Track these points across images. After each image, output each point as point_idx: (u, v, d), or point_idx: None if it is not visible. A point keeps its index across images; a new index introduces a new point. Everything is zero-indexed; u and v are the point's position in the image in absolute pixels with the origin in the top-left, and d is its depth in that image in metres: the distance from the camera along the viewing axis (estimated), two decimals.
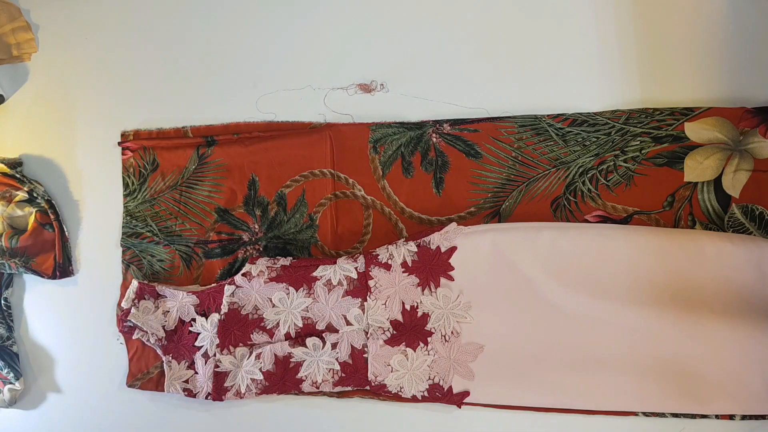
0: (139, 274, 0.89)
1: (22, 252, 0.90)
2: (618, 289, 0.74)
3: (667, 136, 0.78)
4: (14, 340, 0.92)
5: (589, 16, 0.82)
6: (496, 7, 0.84)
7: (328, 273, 0.81)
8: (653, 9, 0.80)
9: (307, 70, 0.87)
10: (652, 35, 0.80)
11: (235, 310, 0.82)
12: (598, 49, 0.81)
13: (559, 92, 0.81)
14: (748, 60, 0.78)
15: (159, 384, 0.86)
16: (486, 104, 0.83)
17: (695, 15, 0.79)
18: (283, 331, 0.81)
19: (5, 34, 0.93)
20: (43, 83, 0.95)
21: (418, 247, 0.79)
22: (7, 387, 0.89)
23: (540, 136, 0.80)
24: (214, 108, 0.89)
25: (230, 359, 0.81)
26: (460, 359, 0.77)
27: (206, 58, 0.91)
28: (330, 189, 0.85)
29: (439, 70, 0.84)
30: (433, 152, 0.83)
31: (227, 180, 0.87)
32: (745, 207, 0.76)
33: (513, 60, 0.83)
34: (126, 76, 0.93)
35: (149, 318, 0.84)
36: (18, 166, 0.93)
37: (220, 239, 0.87)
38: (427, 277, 0.79)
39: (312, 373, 0.80)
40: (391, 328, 0.78)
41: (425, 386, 0.77)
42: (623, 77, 0.80)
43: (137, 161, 0.90)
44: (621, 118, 0.79)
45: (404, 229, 0.83)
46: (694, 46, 0.79)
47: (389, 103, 0.85)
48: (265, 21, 0.90)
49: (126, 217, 0.90)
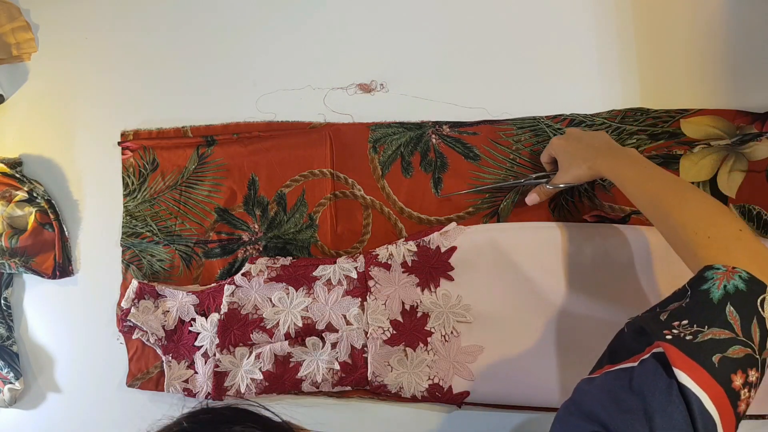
0: (139, 273, 0.89)
1: (22, 252, 0.90)
2: (618, 288, 0.74)
3: (663, 132, 0.78)
4: (14, 340, 0.92)
5: (589, 20, 0.82)
6: (497, 8, 0.84)
7: (328, 273, 0.81)
8: (654, 11, 0.81)
9: (307, 70, 0.88)
10: (653, 38, 0.81)
11: (234, 310, 0.82)
12: (598, 51, 0.82)
13: (559, 93, 0.82)
14: (747, 65, 0.78)
15: (159, 384, 0.86)
16: (486, 104, 0.83)
17: (696, 18, 0.80)
18: (283, 331, 0.81)
19: (5, 33, 0.93)
20: (43, 83, 0.95)
21: (417, 247, 0.79)
22: (7, 387, 0.89)
23: (539, 137, 0.81)
24: (214, 108, 0.89)
25: (230, 359, 0.81)
26: (460, 359, 0.77)
27: (206, 58, 0.91)
28: (329, 189, 0.85)
29: (439, 71, 0.85)
30: (433, 153, 0.83)
31: (227, 180, 0.88)
32: (743, 207, 0.76)
33: (513, 60, 0.83)
34: (126, 76, 0.93)
35: (149, 318, 0.84)
36: (18, 166, 0.93)
37: (219, 239, 0.87)
38: (427, 276, 0.79)
39: (312, 373, 0.80)
40: (390, 327, 0.78)
41: (425, 386, 0.77)
42: (623, 80, 0.81)
43: (137, 161, 0.90)
44: (617, 118, 0.79)
45: (403, 228, 0.83)
46: (695, 49, 0.80)
47: (389, 103, 0.85)
48: (265, 21, 0.90)
49: (126, 217, 0.90)
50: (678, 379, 0.41)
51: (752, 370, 0.43)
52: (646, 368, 0.43)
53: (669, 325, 0.46)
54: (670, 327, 0.45)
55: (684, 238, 0.53)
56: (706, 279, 0.48)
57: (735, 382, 0.42)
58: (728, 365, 0.42)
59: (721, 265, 0.48)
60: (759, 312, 0.45)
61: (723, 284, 0.46)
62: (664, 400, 0.41)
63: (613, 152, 0.67)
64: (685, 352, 0.42)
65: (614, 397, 0.43)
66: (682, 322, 0.46)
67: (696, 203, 0.55)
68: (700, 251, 0.51)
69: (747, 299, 0.45)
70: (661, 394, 0.41)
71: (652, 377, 0.42)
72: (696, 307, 0.47)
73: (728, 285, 0.46)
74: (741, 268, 0.47)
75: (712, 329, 0.44)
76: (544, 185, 0.76)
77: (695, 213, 0.54)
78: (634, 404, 0.42)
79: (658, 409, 0.41)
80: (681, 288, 0.50)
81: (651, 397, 0.41)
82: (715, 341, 0.43)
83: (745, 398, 0.42)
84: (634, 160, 0.64)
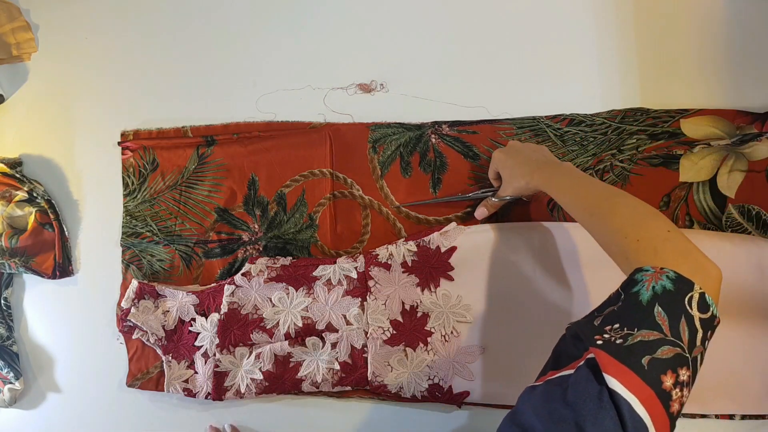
0: (139, 273, 0.89)
1: (22, 252, 0.90)
2: None
3: (663, 132, 0.78)
4: (14, 340, 0.92)
5: (589, 20, 0.82)
6: (497, 8, 0.85)
7: (328, 273, 0.81)
8: (654, 11, 0.81)
9: (307, 70, 0.88)
10: (653, 37, 0.81)
11: (234, 310, 0.82)
12: (598, 51, 0.82)
13: (559, 93, 0.82)
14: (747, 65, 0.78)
15: (159, 384, 0.86)
16: (486, 104, 0.83)
17: (696, 18, 0.80)
18: (283, 331, 0.81)
19: (5, 33, 0.93)
20: (43, 83, 0.95)
21: (417, 247, 0.79)
22: (7, 387, 0.89)
23: (538, 137, 0.81)
24: (214, 108, 0.89)
25: (230, 359, 0.81)
26: (460, 359, 0.77)
27: (206, 58, 0.91)
28: (329, 189, 0.85)
29: (439, 71, 0.85)
30: (432, 153, 0.83)
31: (227, 180, 0.88)
32: (742, 207, 0.76)
33: (513, 60, 0.83)
34: (126, 76, 0.93)
35: (149, 318, 0.84)
36: (18, 166, 0.93)
37: (219, 239, 0.87)
38: (427, 276, 0.79)
39: (312, 373, 0.80)
40: (390, 327, 0.78)
41: (425, 386, 0.77)
42: (623, 80, 0.81)
43: (137, 161, 0.90)
44: (617, 118, 0.79)
45: (402, 228, 0.83)
46: (695, 49, 0.80)
47: (389, 103, 0.85)
48: (266, 21, 0.90)
49: (126, 217, 0.90)
50: (608, 384, 0.41)
51: (683, 369, 0.43)
52: (579, 376, 0.44)
53: (602, 330, 0.46)
54: (602, 332, 0.46)
55: (616, 243, 0.54)
56: (636, 281, 0.48)
57: (665, 382, 0.42)
58: (658, 366, 0.42)
59: (650, 266, 0.48)
60: (687, 310, 0.45)
61: (651, 285, 0.47)
62: (595, 407, 0.41)
63: (550, 166, 0.68)
64: (616, 357, 0.43)
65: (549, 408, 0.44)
66: (614, 326, 0.46)
67: (626, 209, 0.56)
68: (630, 255, 0.52)
69: (675, 298, 0.46)
70: (592, 401, 0.42)
71: (584, 385, 0.43)
72: (626, 311, 0.47)
73: (656, 286, 0.46)
74: (669, 268, 0.47)
75: (641, 331, 0.44)
76: (490, 198, 0.77)
77: (625, 218, 0.55)
78: (566, 414, 0.42)
79: (589, 417, 0.41)
80: (615, 291, 0.50)
81: (583, 405, 0.42)
82: (645, 343, 0.43)
83: (677, 398, 0.43)
84: (569, 171, 0.65)
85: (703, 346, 0.45)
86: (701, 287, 0.46)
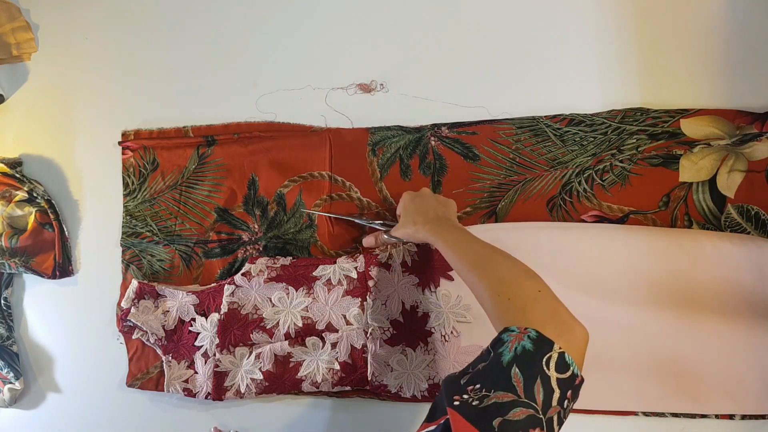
0: (139, 273, 0.89)
1: (22, 252, 0.90)
2: (618, 288, 0.75)
3: (663, 132, 0.78)
4: (14, 340, 0.92)
5: (589, 19, 0.82)
6: (497, 8, 0.85)
7: (328, 273, 0.81)
8: (654, 11, 0.81)
9: (307, 70, 0.88)
10: (653, 37, 0.81)
11: (234, 310, 0.82)
12: (598, 51, 0.82)
13: (559, 93, 0.82)
14: (747, 65, 0.78)
15: (159, 384, 0.86)
16: (486, 104, 0.83)
17: (696, 18, 0.80)
18: (283, 331, 0.81)
19: (5, 33, 0.93)
20: (43, 83, 0.95)
21: (417, 247, 0.79)
22: (7, 387, 0.89)
23: (538, 137, 0.81)
24: (215, 108, 0.89)
25: (230, 359, 0.81)
26: (460, 359, 0.77)
27: (206, 58, 0.91)
28: (326, 191, 0.85)
29: (439, 71, 0.85)
30: (432, 156, 0.83)
31: (227, 180, 0.88)
32: (741, 207, 0.76)
33: (513, 60, 0.84)
34: (126, 76, 0.93)
35: (149, 318, 0.84)
36: (18, 165, 0.93)
37: (219, 239, 0.87)
38: (427, 277, 0.79)
39: (312, 373, 0.80)
40: (390, 327, 0.78)
41: (425, 386, 0.77)
42: (623, 80, 0.81)
43: (137, 161, 0.90)
44: (617, 118, 0.79)
45: None
46: (695, 49, 0.80)
47: (389, 103, 0.85)
48: (266, 21, 0.90)
49: (126, 217, 0.90)
50: None
51: (535, 430, 0.43)
52: None
53: (463, 390, 0.47)
54: (463, 391, 0.46)
55: (489, 300, 0.55)
56: (502, 342, 0.48)
57: None
58: (508, 428, 0.43)
59: (515, 327, 0.49)
60: (544, 371, 0.45)
61: (514, 346, 0.47)
62: None
63: (440, 221, 0.70)
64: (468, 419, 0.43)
65: None
66: (475, 387, 0.46)
67: (502, 267, 0.57)
68: (501, 313, 0.52)
69: (533, 359, 0.46)
70: None
71: None
72: (488, 371, 0.47)
73: (518, 346, 0.47)
74: (532, 328, 0.48)
75: (496, 393, 0.45)
76: (383, 233, 0.78)
77: (500, 276, 0.56)
78: None
79: None
80: (486, 349, 0.50)
81: None
82: (498, 405, 0.44)
83: None
84: (458, 230, 0.67)
85: (561, 406, 0.45)
86: (562, 347, 0.47)
